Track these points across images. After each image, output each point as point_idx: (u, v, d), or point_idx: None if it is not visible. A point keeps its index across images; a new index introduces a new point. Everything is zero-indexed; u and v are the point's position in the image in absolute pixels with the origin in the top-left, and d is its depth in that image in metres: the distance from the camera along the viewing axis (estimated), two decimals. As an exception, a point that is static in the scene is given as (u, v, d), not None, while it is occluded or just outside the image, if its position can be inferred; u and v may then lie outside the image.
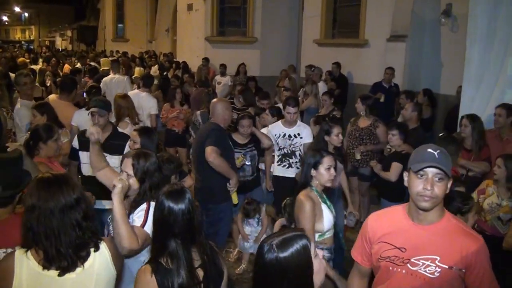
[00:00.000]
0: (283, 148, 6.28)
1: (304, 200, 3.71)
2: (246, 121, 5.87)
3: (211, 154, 4.95)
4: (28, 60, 16.09)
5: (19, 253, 2.33)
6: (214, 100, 5.64)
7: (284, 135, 6.27)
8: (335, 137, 5.36)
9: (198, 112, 7.74)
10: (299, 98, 9.53)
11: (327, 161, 3.89)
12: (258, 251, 2.05)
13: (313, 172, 3.89)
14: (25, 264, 2.30)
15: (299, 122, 6.51)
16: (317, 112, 8.91)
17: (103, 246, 2.47)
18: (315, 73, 11.67)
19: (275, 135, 6.29)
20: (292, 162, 6.26)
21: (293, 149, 6.25)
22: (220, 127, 5.32)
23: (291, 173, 6.21)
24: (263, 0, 16.04)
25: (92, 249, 2.42)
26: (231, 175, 5.15)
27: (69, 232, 2.31)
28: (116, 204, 2.90)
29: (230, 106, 5.62)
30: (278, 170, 6.35)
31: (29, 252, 2.32)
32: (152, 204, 3.14)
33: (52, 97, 6.83)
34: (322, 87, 10.77)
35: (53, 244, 2.27)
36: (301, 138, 6.24)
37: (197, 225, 2.70)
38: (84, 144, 4.59)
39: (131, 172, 3.24)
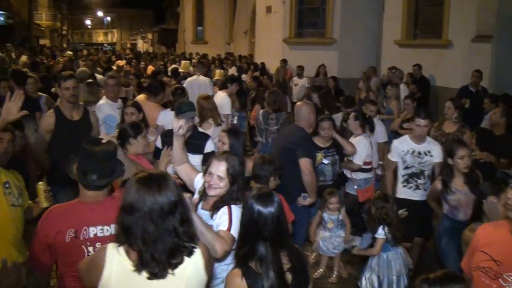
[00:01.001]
0: (411, 167, 5.61)
1: None
2: (326, 123, 5.74)
3: (307, 167, 4.95)
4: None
5: (111, 247, 2.35)
6: (299, 103, 5.61)
7: (413, 152, 5.60)
8: (459, 160, 4.75)
9: (261, 112, 7.73)
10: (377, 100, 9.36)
11: None
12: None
13: None
14: (116, 259, 2.31)
15: (428, 137, 5.80)
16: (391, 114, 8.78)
17: (197, 252, 2.41)
18: (396, 75, 11.38)
19: (403, 151, 5.65)
20: (420, 183, 5.60)
21: (422, 168, 5.58)
22: (307, 133, 5.29)
23: (418, 195, 5.59)
24: (342, 1, 15.83)
25: (185, 255, 2.36)
26: (312, 194, 5.13)
27: (166, 238, 2.27)
28: (195, 219, 2.80)
29: (314, 110, 5.57)
30: (403, 191, 5.68)
31: (121, 248, 2.32)
32: (233, 207, 3.19)
33: (140, 97, 7.09)
34: (403, 89, 10.48)
35: (148, 249, 2.25)
36: (431, 156, 5.56)
37: (285, 228, 2.71)
38: (167, 144, 4.70)
39: (222, 174, 3.26)
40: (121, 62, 16.02)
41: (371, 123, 6.59)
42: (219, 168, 3.27)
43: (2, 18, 27.38)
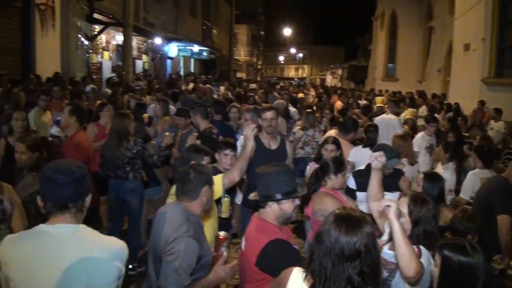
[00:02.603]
0: None
1: None
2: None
3: (505, 226, 4.44)
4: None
5: (297, 270, 2.43)
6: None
7: None
8: None
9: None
10: None
11: None
12: None
13: None
14: (298, 283, 2.38)
15: None
16: None
17: None
18: None
19: None
20: None
21: None
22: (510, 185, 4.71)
23: None
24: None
25: None
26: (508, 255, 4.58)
27: (337, 281, 2.19)
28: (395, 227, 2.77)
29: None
30: None
31: (304, 273, 2.37)
32: (422, 249, 3.07)
33: (331, 132, 7.22)
34: None
35: (320, 284, 2.22)
36: None
37: None
38: (362, 185, 4.66)
39: (405, 210, 3.19)
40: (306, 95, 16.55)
41: None
42: (403, 202, 3.23)
43: (206, 54, 30.25)
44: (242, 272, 3.39)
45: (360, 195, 5.07)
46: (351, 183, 5.24)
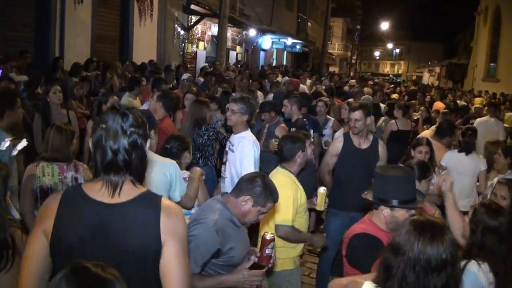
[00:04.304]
0: None
1: None
2: None
3: None
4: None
5: (368, 284, 2.23)
6: None
7: None
8: None
9: None
10: None
11: None
12: None
13: None
14: None
15: None
16: None
17: None
18: None
19: None
20: None
21: None
22: None
23: None
24: None
25: None
26: None
27: None
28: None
29: None
30: None
31: None
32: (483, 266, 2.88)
33: (425, 133, 6.81)
34: None
35: None
36: None
37: None
38: None
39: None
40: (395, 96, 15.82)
41: None
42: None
43: (299, 47, 30.05)
44: None
45: None
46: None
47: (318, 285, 5.32)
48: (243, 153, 4.75)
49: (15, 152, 4.22)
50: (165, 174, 3.73)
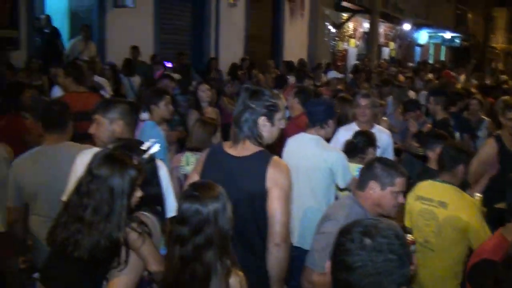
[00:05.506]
0: None
1: None
2: None
3: None
4: None
5: None
6: None
7: None
8: None
9: None
10: None
11: None
12: None
13: None
14: None
15: None
16: None
17: None
18: None
19: None
20: None
21: None
22: None
23: None
24: None
25: None
26: None
27: None
28: None
29: None
30: None
31: None
32: None
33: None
34: None
35: None
36: None
37: None
38: None
39: None
40: None
41: None
42: None
43: (457, 41, 27.94)
44: None
45: None
46: None
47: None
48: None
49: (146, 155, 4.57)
50: (325, 160, 3.90)
